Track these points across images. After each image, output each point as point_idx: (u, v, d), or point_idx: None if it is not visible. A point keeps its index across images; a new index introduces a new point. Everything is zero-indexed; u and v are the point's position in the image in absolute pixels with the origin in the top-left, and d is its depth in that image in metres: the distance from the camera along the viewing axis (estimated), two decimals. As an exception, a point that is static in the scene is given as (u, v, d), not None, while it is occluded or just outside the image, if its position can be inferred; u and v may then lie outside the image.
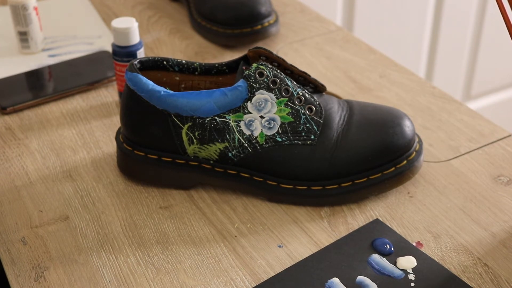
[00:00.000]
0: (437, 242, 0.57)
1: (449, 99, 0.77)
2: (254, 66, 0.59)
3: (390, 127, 0.61)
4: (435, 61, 1.62)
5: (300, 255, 0.56)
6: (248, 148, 0.59)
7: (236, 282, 0.54)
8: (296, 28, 0.95)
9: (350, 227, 0.59)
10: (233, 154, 0.60)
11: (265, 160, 0.60)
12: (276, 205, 0.62)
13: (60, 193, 0.63)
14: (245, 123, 0.59)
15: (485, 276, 0.54)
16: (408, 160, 0.62)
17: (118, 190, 0.64)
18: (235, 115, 0.59)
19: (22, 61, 0.85)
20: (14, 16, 0.84)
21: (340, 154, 0.60)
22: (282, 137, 0.59)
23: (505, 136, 0.70)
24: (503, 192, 0.63)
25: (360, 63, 0.85)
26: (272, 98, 0.59)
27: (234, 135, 0.59)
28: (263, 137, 0.59)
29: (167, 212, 0.61)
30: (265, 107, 0.59)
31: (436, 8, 1.54)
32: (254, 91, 0.58)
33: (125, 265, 0.55)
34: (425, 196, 0.62)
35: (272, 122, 0.59)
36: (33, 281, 0.54)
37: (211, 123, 0.59)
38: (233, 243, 0.57)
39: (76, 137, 0.71)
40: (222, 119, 0.59)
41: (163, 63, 0.64)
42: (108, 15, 0.98)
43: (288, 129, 0.59)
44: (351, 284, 0.52)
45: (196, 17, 0.93)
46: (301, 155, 0.59)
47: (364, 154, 0.60)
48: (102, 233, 0.59)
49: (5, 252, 0.57)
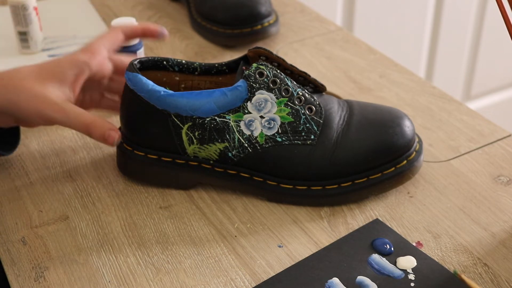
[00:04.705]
0: (437, 242, 0.57)
1: (449, 99, 0.77)
2: (254, 66, 0.59)
3: (390, 127, 0.61)
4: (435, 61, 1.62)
5: (300, 255, 0.56)
6: (248, 148, 0.59)
7: (236, 282, 0.54)
8: (296, 28, 0.95)
9: (350, 227, 0.59)
10: (233, 154, 0.60)
11: (265, 160, 0.60)
12: (276, 205, 0.62)
13: (60, 193, 0.63)
14: (245, 123, 0.59)
15: (485, 276, 0.54)
16: (408, 160, 0.62)
17: (118, 190, 0.64)
18: (235, 115, 0.59)
19: (22, 61, 0.85)
20: (14, 16, 0.84)
21: (340, 154, 0.60)
22: (282, 137, 0.59)
23: (505, 136, 0.70)
24: (503, 192, 0.63)
25: (360, 63, 0.85)
26: (272, 98, 0.59)
27: (234, 135, 0.59)
28: (263, 137, 0.59)
29: (167, 212, 0.61)
30: (265, 107, 0.59)
31: (436, 8, 1.54)
32: (254, 91, 0.58)
33: (125, 265, 0.55)
34: (425, 196, 0.62)
35: (272, 122, 0.59)
36: (33, 281, 0.54)
37: (211, 123, 0.59)
38: (233, 243, 0.57)
39: (76, 137, 0.71)
40: (222, 119, 0.59)
41: (163, 63, 0.64)
42: (108, 15, 0.98)
43: (288, 129, 0.59)
44: (351, 284, 0.52)
45: (196, 17, 0.93)
46: (301, 155, 0.59)
47: (364, 154, 0.60)
48: (102, 233, 0.59)
49: (5, 252, 0.57)
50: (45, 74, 0.61)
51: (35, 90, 0.59)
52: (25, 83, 0.60)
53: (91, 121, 0.60)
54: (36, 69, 0.61)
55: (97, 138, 0.60)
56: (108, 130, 0.59)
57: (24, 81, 0.60)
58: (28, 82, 0.60)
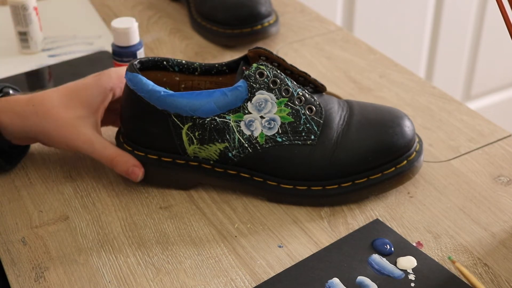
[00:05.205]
0: (437, 242, 0.57)
1: (449, 99, 0.77)
2: (254, 66, 0.59)
3: (390, 127, 0.61)
4: (435, 61, 1.62)
5: (300, 255, 0.56)
6: (248, 148, 0.59)
7: (236, 282, 0.54)
8: (296, 28, 0.95)
9: (350, 227, 0.59)
10: (233, 154, 0.60)
11: (265, 160, 0.60)
12: (276, 205, 0.62)
13: (60, 193, 0.63)
14: (245, 123, 0.59)
15: (485, 276, 0.54)
16: (408, 160, 0.62)
17: (118, 190, 0.64)
18: (235, 115, 0.59)
19: (22, 61, 0.85)
20: (14, 16, 0.84)
21: (340, 154, 0.60)
22: (282, 137, 0.59)
23: (505, 136, 0.70)
24: (503, 192, 0.63)
25: (360, 63, 0.85)
26: (272, 98, 0.59)
27: (234, 135, 0.59)
28: (263, 137, 0.59)
29: (167, 212, 0.61)
30: (265, 107, 0.59)
31: (436, 8, 1.54)
32: (254, 91, 0.58)
33: (125, 265, 0.55)
34: (425, 196, 0.62)
35: (272, 122, 0.59)
36: (33, 281, 0.54)
37: (211, 123, 0.59)
38: (233, 243, 0.57)
39: (76, 137, 0.71)
40: (222, 119, 0.59)
41: (163, 63, 0.64)
42: (108, 15, 0.98)
43: (288, 129, 0.59)
44: (351, 284, 0.52)
45: (196, 17, 0.93)
46: (301, 155, 0.59)
47: (364, 154, 0.60)
48: (102, 233, 0.59)
49: (5, 252, 0.57)
50: (75, 101, 0.62)
51: (65, 119, 0.61)
52: (55, 111, 0.62)
53: (115, 155, 0.62)
54: (66, 96, 0.63)
55: (120, 172, 0.62)
56: (132, 167, 0.61)
57: (54, 109, 0.62)
58: (58, 110, 0.62)
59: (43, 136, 0.62)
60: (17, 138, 0.63)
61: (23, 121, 0.62)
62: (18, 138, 0.63)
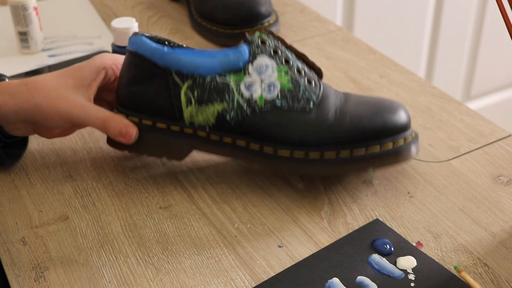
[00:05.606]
0: (437, 242, 0.57)
1: (449, 99, 0.77)
2: (257, 34, 0.59)
3: (387, 107, 0.61)
4: (435, 61, 1.62)
5: (300, 255, 0.56)
6: (247, 110, 0.59)
7: (236, 282, 0.54)
8: (296, 28, 0.95)
9: (350, 227, 0.59)
10: (231, 116, 0.59)
11: (262, 124, 0.59)
12: (276, 205, 0.62)
13: (60, 193, 0.63)
14: (245, 85, 0.59)
15: (485, 276, 0.54)
16: (406, 141, 0.61)
17: (118, 190, 0.64)
18: (236, 76, 0.58)
19: (22, 61, 0.85)
20: (14, 16, 0.84)
21: (339, 122, 0.59)
22: (282, 102, 0.59)
23: (505, 136, 0.70)
24: (503, 192, 0.63)
25: (360, 63, 0.85)
26: (273, 64, 0.59)
27: (233, 96, 0.59)
28: (262, 100, 0.59)
29: (167, 212, 0.61)
30: (265, 71, 0.59)
31: (436, 8, 1.54)
32: (256, 55, 0.59)
33: (125, 265, 0.55)
34: (425, 196, 0.62)
35: (272, 87, 0.59)
36: (33, 281, 0.54)
37: (211, 83, 0.59)
38: (233, 243, 0.57)
39: (76, 137, 0.71)
40: (222, 80, 0.59)
41: (165, 43, 0.64)
42: (108, 15, 0.98)
43: (288, 95, 0.59)
44: (351, 284, 0.52)
45: (196, 17, 0.93)
46: (299, 122, 0.59)
47: (362, 123, 0.59)
48: (102, 233, 0.59)
49: (5, 252, 0.57)
50: (67, 77, 0.63)
51: (57, 91, 0.61)
52: (47, 86, 0.62)
53: (108, 116, 0.61)
54: (58, 74, 0.64)
55: (114, 134, 0.61)
56: (126, 127, 0.60)
57: (47, 85, 0.62)
58: (51, 83, 0.62)
59: (35, 113, 0.61)
60: (11, 123, 0.62)
61: (15, 101, 0.61)
62: (12, 124, 0.63)
